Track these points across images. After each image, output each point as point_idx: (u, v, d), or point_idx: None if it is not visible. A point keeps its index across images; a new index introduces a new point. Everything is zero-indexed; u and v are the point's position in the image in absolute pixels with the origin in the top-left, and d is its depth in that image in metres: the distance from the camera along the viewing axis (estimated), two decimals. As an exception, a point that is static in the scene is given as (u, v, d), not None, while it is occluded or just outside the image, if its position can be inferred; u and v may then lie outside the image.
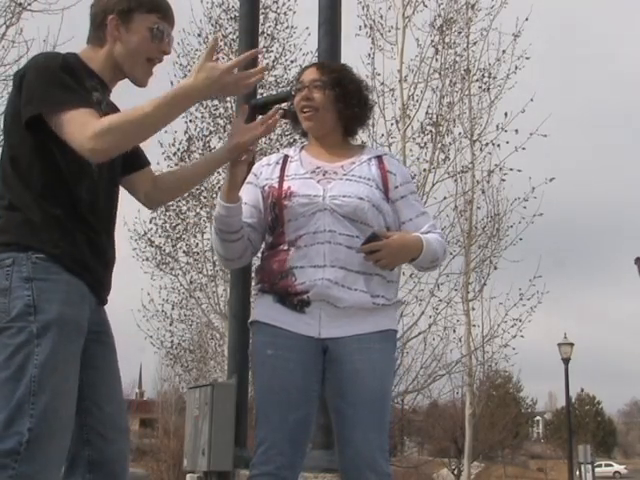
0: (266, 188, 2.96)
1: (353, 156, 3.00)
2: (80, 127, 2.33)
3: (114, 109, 2.58)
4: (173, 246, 14.76)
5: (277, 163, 3.02)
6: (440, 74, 14.92)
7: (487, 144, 15.59)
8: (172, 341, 15.38)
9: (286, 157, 3.04)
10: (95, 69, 2.58)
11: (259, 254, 3.10)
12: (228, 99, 14.38)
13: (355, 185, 2.89)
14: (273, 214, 2.92)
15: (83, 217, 2.46)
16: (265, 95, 12.42)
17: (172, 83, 14.59)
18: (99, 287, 2.55)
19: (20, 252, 2.38)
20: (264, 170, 3.02)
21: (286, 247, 2.86)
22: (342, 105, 2.98)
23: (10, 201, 2.43)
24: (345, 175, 2.92)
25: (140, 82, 2.66)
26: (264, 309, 2.89)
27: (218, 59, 2.42)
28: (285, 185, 2.92)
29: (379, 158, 3.01)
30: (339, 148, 3.03)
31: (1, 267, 2.38)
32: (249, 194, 2.97)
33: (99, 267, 2.55)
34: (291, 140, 14.64)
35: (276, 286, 2.86)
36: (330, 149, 3.02)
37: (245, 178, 2.92)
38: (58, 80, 2.39)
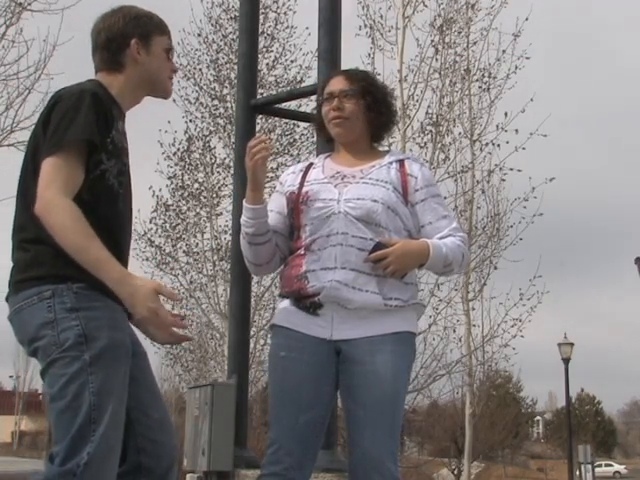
0: (287, 195, 3.01)
1: (375, 160, 3.02)
2: (60, 181, 2.37)
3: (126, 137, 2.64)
4: (173, 246, 14.75)
5: (301, 171, 3.07)
6: (440, 74, 14.94)
7: (487, 144, 15.64)
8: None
9: (310, 165, 3.09)
10: (115, 95, 2.61)
11: None
12: (228, 99, 14.40)
13: (370, 188, 2.90)
14: (291, 219, 2.97)
15: (112, 241, 2.47)
16: (265, 95, 12.43)
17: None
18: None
19: (58, 283, 2.39)
20: (289, 178, 3.07)
21: (303, 252, 2.90)
22: (373, 114, 3.01)
23: (37, 234, 2.42)
24: (362, 178, 2.94)
25: (166, 94, 2.78)
26: (282, 313, 2.94)
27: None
28: (303, 190, 2.96)
29: (401, 161, 3.02)
30: (364, 154, 3.05)
31: (40, 300, 2.39)
32: (275, 202, 3.03)
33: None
34: (291, 140, 14.65)
35: (291, 289, 2.90)
36: (355, 155, 3.04)
37: (265, 177, 2.95)
38: (83, 117, 2.41)
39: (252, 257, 3.01)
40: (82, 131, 2.40)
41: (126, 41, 2.63)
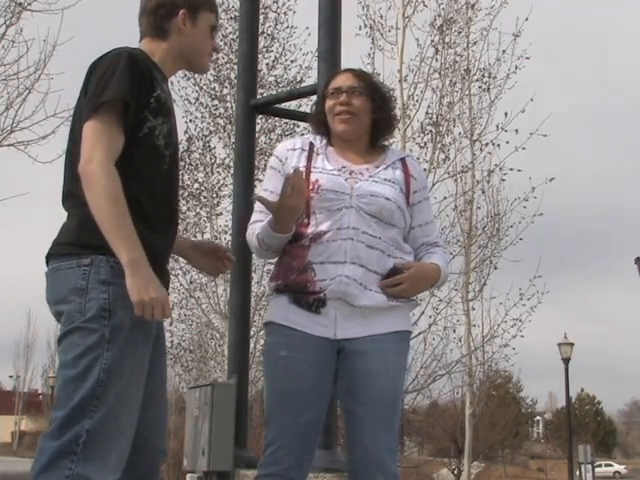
0: None
1: (377, 159, 3.03)
2: (105, 145, 2.39)
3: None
4: (173, 246, 14.73)
5: (303, 150, 3.02)
6: (440, 74, 14.94)
7: (487, 144, 15.64)
8: (172, 341, 15.35)
9: (312, 145, 3.03)
10: (157, 62, 2.64)
11: None
12: (228, 99, 14.40)
13: (381, 186, 2.92)
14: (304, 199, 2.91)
15: (156, 204, 2.50)
16: (265, 95, 12.42)
17: (172, 83, 14.61)
18: (167, 281, 2.60)
19: (99, 254, 2.39)
20: (289, 155, 3.02)
21: (307, 243, 2.87)
22: (382, 112, 3.03)
23: (85, 201, 2.39)
24: (371, 177, 2.95)
25: (203, 70, 2.86)
26: (279, 310, 2.90)
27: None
28: (313, 177, 2.92)
29: (402, 161, 3.05)
30: (365, 152, 3.05)
31: (78, 266, 2.40)
32: (273, 182, 2.97)
33: (167, 263, 2.63)
34: (291, 140, 14.62)
35: (292, 282, 2.86)
36: (357, 152, 3.04)
37: (300, 206, 2.83)
38: (117, 78, 2.43)
39: (262, 256, 3.06)
40: (116, 92, 2.41)
41: (175, 10, 2.67)
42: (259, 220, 2.97)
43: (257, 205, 3.04)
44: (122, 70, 2.43)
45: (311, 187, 2.90)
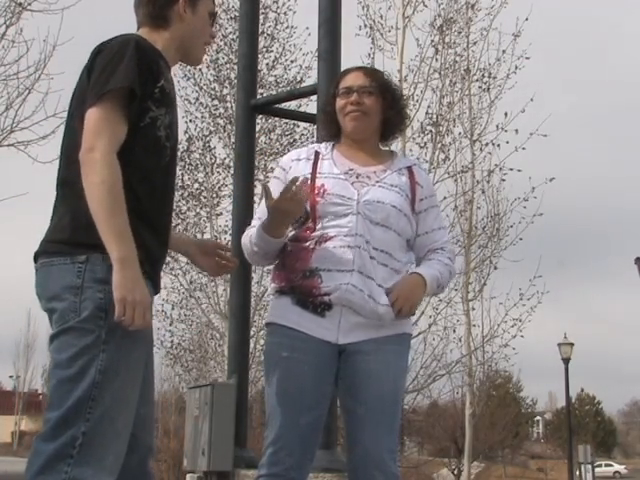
0: None
1: (384, 163, 3.01)
2: (108, 134, 2.32)
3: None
4: (173, 246, 14.71)
5: (308, 159, 3.00)
6: (440, 74, 14.95)
7: (487, 144, 15.64)
8: (172, 341, 15.36)
9: (317, 154, 3.01)
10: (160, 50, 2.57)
11: None
12: (228, 99, 14.40)
13: (387, 192, 2.90)
14: (303, 209, 2.89)
15: (156, 209, 2.45)
16: (265, 95, 12.42)
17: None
18: (159, 279, 2.55)
19: (95, 252, 2.31)
20: (294, 165, 3.00)
21: (312, 245, 2.85)
22: (393, 112, 3.01)
23: (82, 191, 2.31)
24: (378, 182, 2.93)
25: (198, 62, 2.78)
26: (282, 311, 2.88)
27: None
28: (319, 182, 2.90)
29: (409, 168, 3.02)
30: (373, 153, 3.03)
31: (73, 263, 2.32)
32: (276, 190, 2.92)
33: (163, 258, 2.57)
34: (291, 140, 14.64)
35: (297, 285, 2.84)
36: (366, 153, 3.02)
37: (296, 213, 2.82)
38: (125, 65, 2.36)
39: (252, 259, 3.03)
40: (124, 79, 2.34)
41: None
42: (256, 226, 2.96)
43: (257, 211, 3.04)
44: (130, 57, 2.36)
45: (317, 191, 2.87)
